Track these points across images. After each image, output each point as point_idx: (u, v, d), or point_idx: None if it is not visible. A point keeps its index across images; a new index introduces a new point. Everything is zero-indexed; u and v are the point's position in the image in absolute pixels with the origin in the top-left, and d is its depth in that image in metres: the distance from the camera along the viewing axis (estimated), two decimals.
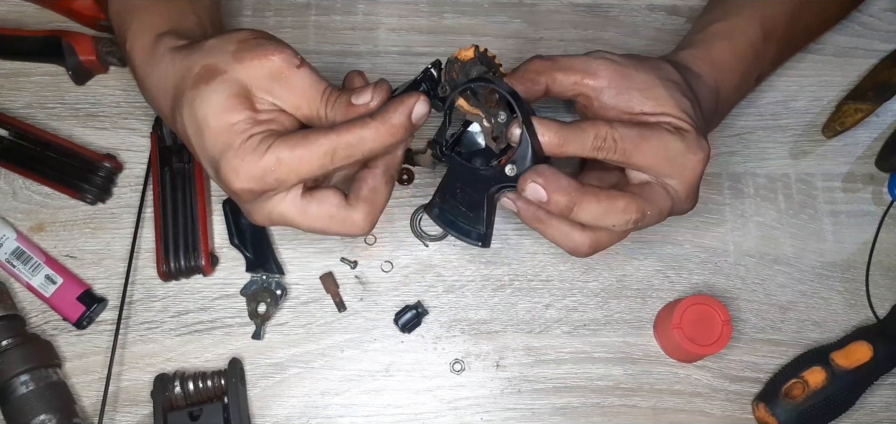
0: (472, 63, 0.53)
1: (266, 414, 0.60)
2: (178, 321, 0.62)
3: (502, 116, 0.52)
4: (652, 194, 0.52)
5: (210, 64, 0.48)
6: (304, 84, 0.49)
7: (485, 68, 0.53)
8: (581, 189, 0.50)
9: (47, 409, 0.56)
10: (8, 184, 0.64)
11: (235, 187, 0.48)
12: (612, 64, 0.54)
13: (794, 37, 0.65)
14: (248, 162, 0.47)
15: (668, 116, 0.53)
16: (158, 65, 0.51)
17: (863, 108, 0.68)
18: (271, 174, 0.47)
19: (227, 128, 0.47)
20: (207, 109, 0.47)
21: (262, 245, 0.63)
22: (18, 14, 0.68)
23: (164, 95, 0.51)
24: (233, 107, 0.47)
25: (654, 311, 0.64)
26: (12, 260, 0.61)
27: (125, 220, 0.64)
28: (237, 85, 0.48)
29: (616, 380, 0.63)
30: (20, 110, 0.66)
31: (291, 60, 0.49)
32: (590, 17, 0.71)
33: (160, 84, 0.51)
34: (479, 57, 0.53)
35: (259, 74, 0.48)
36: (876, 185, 0.68)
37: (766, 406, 0.60)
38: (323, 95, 0.49)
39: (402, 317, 0.62)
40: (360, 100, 0.49)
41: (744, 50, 0.60)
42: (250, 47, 0.48)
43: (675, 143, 0.51)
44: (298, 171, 0.48)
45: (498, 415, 0.61)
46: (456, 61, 0.53)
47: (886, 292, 0.66)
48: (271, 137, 0.47)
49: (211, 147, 0.48)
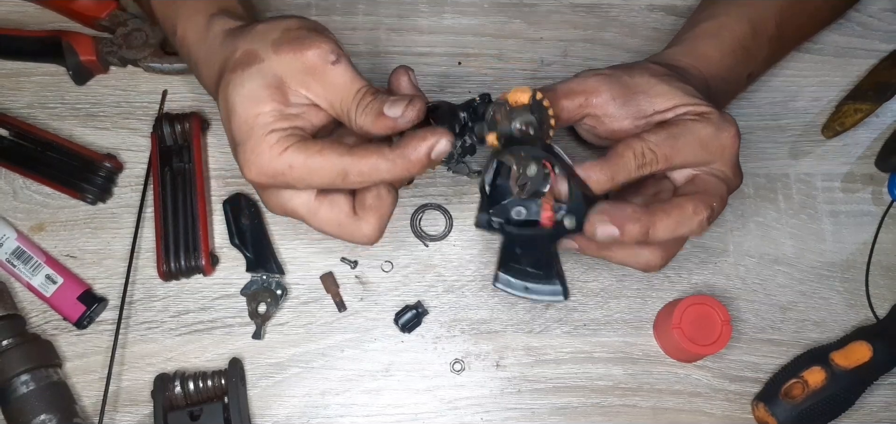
0: (523, 110, 0.50)
1: (266, 414, 0.60)
2: (179, 320, 0.62)
3: (533, 168, 0.51)
4: (707, 184, 0.52)
5: (251, 49, 0.48)
6: (339, 82, 0.48)
7: (535, 118, 0.50)
8: (649, 211, 0.50)
9: (47, 409, 0.56)
10: (8, 184, 0.64)
11: (247, 176, 0.49)
12: (606, 77, 0.54)
13: (786, 36, 0.65)
14: (264, 158, 0.47)
15: (682, 106, 0.53)
16: (212, 45, 0.51)
17: (863, 108, 0.68)
18: (282, 176, 0.48)
19: (252, 117, 0.48)
20: (237, 94, 0.48)
21: (262, 245, 0.63)
22: (19, 14, 0.68)
23: (212, 74, 0.51)
24: (262, 97, 0.47)
25: (654, 311, 0.64)
26: (13, 260, 0.61)
27: (125, 220, 0.64)
28: (271, 75, 0.48)
29: (616, 380, 0.63)
30: (21, 110, 0.66)
31: (327, 55, 0.48)
32: (590, 17, 0.72)
33: (210, 63, 0.51)
34: (534, 105, 0.50)
35: (294, 67, 0.48)
36: (876, 185, 0.68)
37: (765, 406, 0.60)
38: (356, 95, 0.49)
39: (402, 317, 0.62)
40: (392, 112, 0.48)
41: (731, 47, 0.60)
42: (290, 38, 0.48)
43: (704, 128, 0.52)
44: (308, 181, 0.48)
45: (498, 415, 0.61)
46: (504, 105, 0.50)
47: (886, 292, 0.66)
48: (291, 138, 0.47)
49: (235, 132, 0.48)
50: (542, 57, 0.70)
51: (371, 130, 0.49)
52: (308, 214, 0.50)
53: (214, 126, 0.66)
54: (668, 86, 0.53)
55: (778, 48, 0.66)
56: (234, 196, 0.64)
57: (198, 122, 0.64)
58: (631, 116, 0.53)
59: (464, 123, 0.52)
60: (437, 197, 0.66)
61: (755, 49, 0.62)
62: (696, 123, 0.52)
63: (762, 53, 0.63)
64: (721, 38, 0.60)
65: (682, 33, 0.63)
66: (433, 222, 0.65)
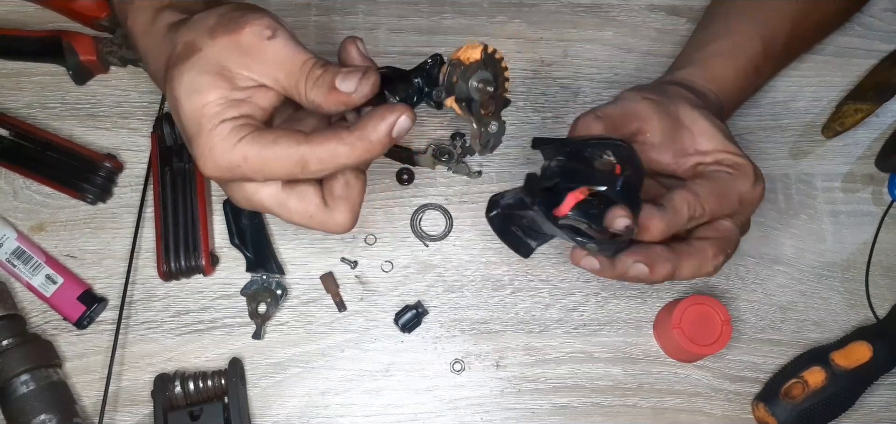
0: (476, 66, 0.48)
1: (266, 414, 0.60)
2: (179, 320, 0.62)
3: (494, 126, 0.50)
4: (726, 231, 0.53)
5: (190, 40, 0.46)
6: (280, 56, 0.46)
7: (489, 73, 0.48)
8: (676, 253, 0.51)
9: (47, 409, 0.56)
10: (8, 184, 0.64)
11: (204, 172, 0.46)
12: (656, 105, 0.54)
13: (793, 49, 0.66)
14: (217, 151, 0.45)
15: (722, 152, 0.54)
16: (155, 40, 0.49)
17: (863, 108, 0.68)
18: (238, 169, 0.45)
19: (199, 109, 0.45)
20: (181, 88, 0.45)
21: (262, 245, 0.63)
22: (19, 14, 0.68)
23: (158, 69, 0.49)
24: (205, 86, 0.45)
25: (654, 311, 0.64)
26: (13, 260, 0.61)
27: (125, 220, 0.64)
28: (212, 63, 0.45)
29: (616, 380, 0.63)
30: (21, 110, 0.66)
31: (263, 31, 0.45)
32: (590, 17, 0.72)
33: (156, 58, 0.49)
34: (486, 59, 0.48)
35: (232, 50, 0.45)
36: (876, 185, 0.68)
37: (765, 406, 0.60)
38: (303, 67, 0.46)
39: (402, 317, 0.62)
40: (345, 86, 0.45)
41: (744, 67, 0.61)
42: (224, 22, 0.46)
43: (743, 183, 0.53)
44: (265, 173, 0.45)
45: (498, 415, 0.61)
46: (458, 65, 0.48)
47: (886, 292, 0.66)
48: (245, 129, 0.45)
49: (186, 127, 0.46)
50: (542, 57, 0.70)
51: (323, 105, 0.46)
52: (276, 206, 0.48)
53: None
54: (708, 124, 0.54)
55: (785, 62, 0.67)
56: None
57: None
58: (673, 151, 0.54)
59: (419, 89, 0.49)
60: (437, 197, 0.66)
61: (765, 68, 0.63)
62: (736, 179, 0.53)
63: (770, 70, 0.64)
64: (735, 59, 0.60)
65: (695, 49, 0.62)
66: (433, 222, 0.65)
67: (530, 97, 0.69)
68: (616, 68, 0.70)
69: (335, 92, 0.45)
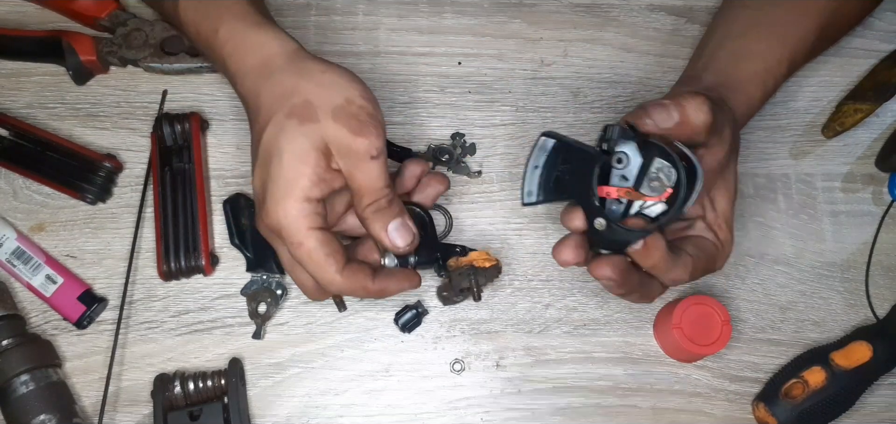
0: (483, 271, 0.59)
1: (266, 414, 0.60)
2: (179, 320, 0.62)
3: (458, 298, 0.60)
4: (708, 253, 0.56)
5: (311, 104, 0.51)
6: (371, 175, 0.52)
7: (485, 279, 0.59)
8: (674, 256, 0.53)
9: (47, 409, 0.56)
10: (8, 184, 0.64)
11: (264, 222, 0.52)
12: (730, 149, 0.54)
13: (808, 62, 0.66)
14: (289, 218, 0.50)
15: (722, 222, 0.55)
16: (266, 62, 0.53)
17: (863, 108, 0.68)
18: (289, 241, 0.51)
19: (295, 175, 0.50)
20: (289, 145, 0.50)
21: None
22: (19, 14, 0.68)
23: (257, 92, 0.53)
24: (309, 159, 0.50)
25: (654, 311, 0.64)
26: (13, 260, 0.61)
27: (125, 220, 0.64)
28: (322, 141, 0.51)
29: (616, 380, 0.63)
30: (21, 110, 0.66)
31: (372, 149, 0.51)
32: (590, 17, 0.72)
33: (259, 82, 0.53)
34: (493, 269, 0.60)
35: (343, 142, 0.51)
36: (876, 185, 0.68)
37: (765, 406, 0.60)
38: (379, 191, 0.52)
39: (403, 317, 0.62)
40: (394, 238, 0.53)
41: (772, 90, 0.61)
42: (349, 115, 0.51)
43: (720, 261, 0.56)
44: (305, 264, 0.52)
45: (498, 415, 0.61)
46: (471, 268, 0.59)
47: (886, 292, 0.66)
48: (317, 219, 0.51)
49: (274, 176, 0.51)
50: (543, 57, 0.70)
51: (368, 227, 0.53)
52: (288, 264, 0.54)
53: (214, 126, 0.66)
54: (734, 187, 0.56)
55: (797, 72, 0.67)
56: (234, 196, 0.64)
57: (198, 122, 0.64)
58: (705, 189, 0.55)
59: (438, 261, 0.59)
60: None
61: (783, 82, 0.62)
62: (718, 257, 0.55)
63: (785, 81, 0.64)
64: (766, 85, 0.60)
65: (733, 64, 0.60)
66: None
67: (530, 97, 0.69)
68: (616, 68, 0.70)
69: (384, 233, 0.53)
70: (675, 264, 0.52)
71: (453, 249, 0.59)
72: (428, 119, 0.68)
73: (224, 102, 0.67)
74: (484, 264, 0.59)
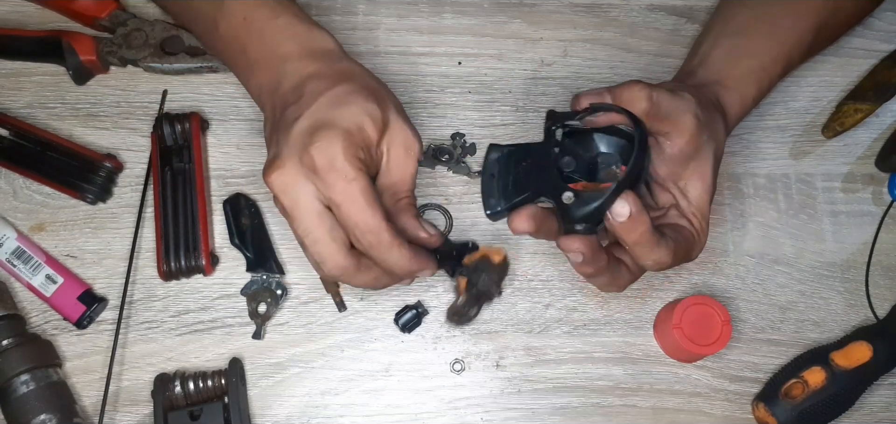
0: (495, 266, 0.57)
1: (266, 414, 0.61)
2: (179, 320, 0.62)
3: (473, 311, 0.57)
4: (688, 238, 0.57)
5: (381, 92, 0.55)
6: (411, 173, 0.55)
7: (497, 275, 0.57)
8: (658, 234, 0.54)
9: (47, 409, 0.56)
10: (8, 184, 0.64)
11: (315, 156, 0.49)
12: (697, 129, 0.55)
13: (804, 62, 0.66)
14: (347, 156, 0.50)
15: (697, 212, 0.56)
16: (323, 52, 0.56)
17: (863, 108, 0.68)
18: (348, 183, 0.50)
19: (356, 124, 0.51)
20: (354, 101, 0.52)
21: (262, 245, 0.63)
22: (19, 14, 0.68)
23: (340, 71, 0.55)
24: (368, 125, 0.52)
25: (654, 311, 0.64)
26: (13, 260, 0.61)
27: (125, 220, 0.64)
28: (384, 123, 0.53)
29: (616, 380, 0.63)
30: (21, 110, 0.66)
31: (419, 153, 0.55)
32: (590, 17, 0.72)
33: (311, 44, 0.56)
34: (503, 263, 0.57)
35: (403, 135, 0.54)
36: (876, 185, 0.68)
37: (765, 406, 0.60)
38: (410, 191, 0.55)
39: (402, 317, 0.62)
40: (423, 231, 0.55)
41: (767, 89, 0.62)
42: (408, 118, 0.55)
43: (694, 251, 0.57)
44: (360, 219, 0.50)
45: (498, 415, 0.61)
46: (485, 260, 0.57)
47: (886, 292, 0.66)
48: (363, 167, 0.51)
49: (333, 117, 0.51)
50: (542, 57, 0.70)
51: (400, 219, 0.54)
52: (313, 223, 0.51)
53: (214, 126, 0.67)
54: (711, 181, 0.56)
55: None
56: (234, 196, 0.64)
57: (198, 122, 0.64)
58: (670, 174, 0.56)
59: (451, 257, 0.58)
60: (436, 197, 0.66)
61: (779, 81, 0.63)
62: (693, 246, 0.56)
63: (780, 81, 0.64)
64: (761, 84, 0.61)
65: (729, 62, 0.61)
66: (433, 222, 0.65)
67: (530, 97, 0.69)
68: (616, 68, 0.70)
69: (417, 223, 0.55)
70: (659, 244, 0.53)
71: (466, 246, 0.58)
72: (428, 119, 0.68)
73: (224, 102, 0.67)
74: (495, 258, 0.57)
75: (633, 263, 0.56)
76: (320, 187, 0.50)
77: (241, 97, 0.67)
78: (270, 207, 0.64)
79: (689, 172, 0.56)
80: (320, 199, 0.50)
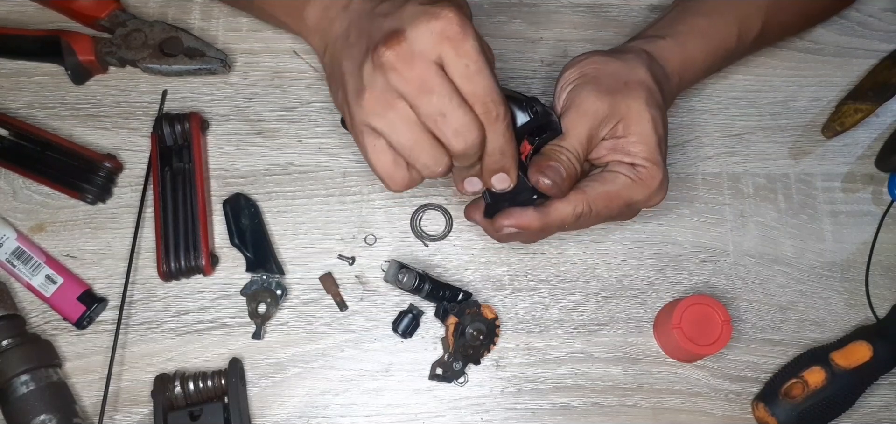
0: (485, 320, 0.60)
1: (266, 414, 0.61)
2: (179, 321, 0.62)
3: (458, 364, 0.60)
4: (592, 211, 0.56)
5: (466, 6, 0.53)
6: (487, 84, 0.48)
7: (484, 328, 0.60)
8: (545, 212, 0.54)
9: (47, 409, 0.56)
10: (8, 184, 0.64)
11: (452, 16, 0.45)
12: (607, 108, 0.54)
13: (768, 37, 0.66)
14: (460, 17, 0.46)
15: (643, 160, 0.54)
16: None
17: (863, 108, 0.68)
18: (465, 40, 0.45)
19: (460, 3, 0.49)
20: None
21: (262, 245, 0.63)
22: (19, 14, 0.68)
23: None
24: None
25: (654, 311, 0.64)
26: (13, 260, 0.61)
27: (125, 220, 0.64)
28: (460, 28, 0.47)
29: (616, 380, 0.63)
30: (20, 110, 0.66)
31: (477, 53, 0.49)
32: (590, 17, 0.72)
33: None
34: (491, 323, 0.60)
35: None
36: (876, 185, 0.68)
37: (765, 406, 0.60)
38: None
39: (400, 323, 0.62)
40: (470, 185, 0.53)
41: (715, 50, 0.61)
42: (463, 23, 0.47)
43: (639, 193, 0.55)
44: (478, 80, 0.46)
45: (498, 415, 0.61)
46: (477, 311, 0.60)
47: (886, 292, 0.66)
48: None
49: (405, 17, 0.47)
50: (542, 57, 0.70)
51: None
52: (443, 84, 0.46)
53: (214, 126, 0.66)
54: (649, 130, 0.54)
55: (759, 48, 0.67)
56: (234, 196, 0.64)
57: (198, 122, 0.64)
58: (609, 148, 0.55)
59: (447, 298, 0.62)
60: (436, 197, 0.66)
61: (737, 52, 0.63)
62: (633, 187, 0.54)
63: (741, 55, 0.64)
64: (709, 40, 0.61)
65: (673, 23, 0.62)
66: (433, 222, 0.65)
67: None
68: None
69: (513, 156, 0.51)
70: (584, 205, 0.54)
71: (460, 291, 0.62)
72: None
73: (224, 102, 0.67)
74: (488, 314, 0.60)
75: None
76: (452, 54, 0.45)
77: (240, 97, 0.67)
78: (270, 207, 0.64)
79: (621, 131, 0.54)
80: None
